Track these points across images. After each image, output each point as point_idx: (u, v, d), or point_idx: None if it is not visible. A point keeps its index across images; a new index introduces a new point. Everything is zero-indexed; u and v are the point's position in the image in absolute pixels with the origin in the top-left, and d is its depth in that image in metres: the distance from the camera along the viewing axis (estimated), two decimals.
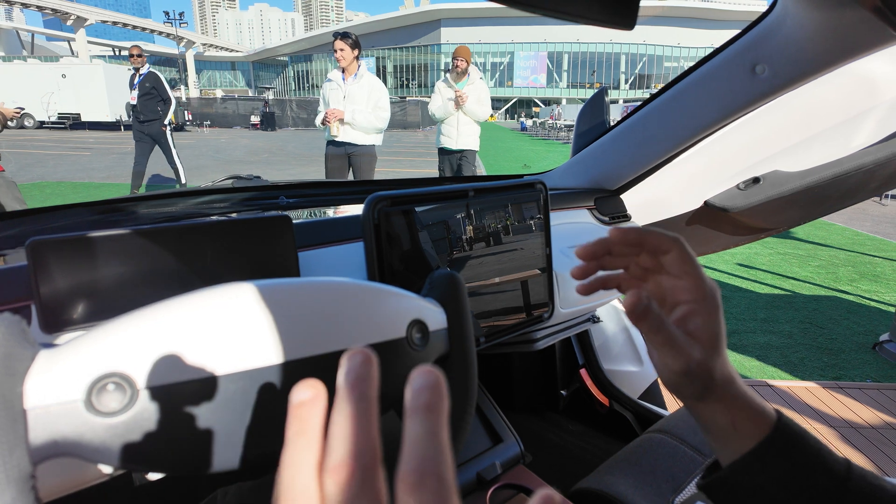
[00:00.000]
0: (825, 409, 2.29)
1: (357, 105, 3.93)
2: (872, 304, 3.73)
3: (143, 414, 0.36)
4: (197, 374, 0.39)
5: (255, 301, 0.43)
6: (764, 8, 0.90)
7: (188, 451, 0.39)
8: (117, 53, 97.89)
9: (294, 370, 0.43)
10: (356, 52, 3.89)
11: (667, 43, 64.00)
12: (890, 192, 8.01)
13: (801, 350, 2.96)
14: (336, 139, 3.98)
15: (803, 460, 0.38)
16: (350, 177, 4.11)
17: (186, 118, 29.08)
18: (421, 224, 0.80)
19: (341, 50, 3.83)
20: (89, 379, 0.35)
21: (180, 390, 0.38)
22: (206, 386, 0.39)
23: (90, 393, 0.35)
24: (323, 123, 3.99)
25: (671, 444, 1.04)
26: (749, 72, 0.92)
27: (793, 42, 0.84)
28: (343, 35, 3.87)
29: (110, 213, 1.05)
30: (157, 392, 0.37)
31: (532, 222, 0.99)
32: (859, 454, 1.97)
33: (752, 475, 0.39)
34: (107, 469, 0.44)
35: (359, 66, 3.96)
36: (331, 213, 1.13)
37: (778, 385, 2.50)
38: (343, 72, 3.94)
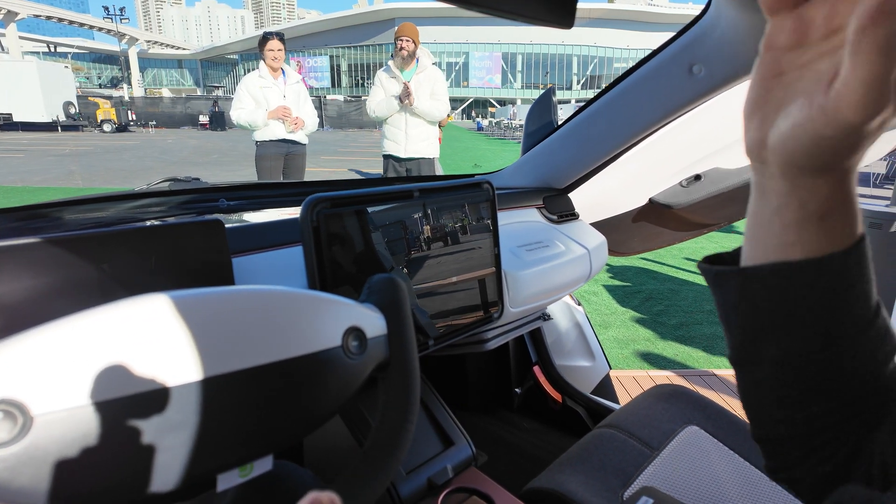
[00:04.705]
0: None
1: (297, 106, 3.91)
2: None
3: (40, 443, 0.33)
4: (104, 396, 0.36)
5: (172, 313, 0.40)
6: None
7: (96, 482, 0.36)
8: (52, 50, 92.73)
9: (219, 386, 0.40)
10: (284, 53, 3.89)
11: (616, 45, 65.84)
12: None
13: None
14: (283, 139, 3.90)
15: (860, 285, 0.32)
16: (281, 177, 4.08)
17: (130, 118, 27.92)
18: (362, 225, 0.78)
19: (279, 50, 3.77)
20: None
21: (85, 415, 0.35)
22: (115, 408, 0.36)
23: None
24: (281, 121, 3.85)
25: (620, 438, 1.05)
26: (686, 72, 0.94)
27: (727, 43, 0.87)
28: (279, 35, 3.82)
29: (32, 220, 0.98)
30: (55, 418, 0.34)
31: (480, 222, 0.98)
32: None
33: (800, 280, 0.32)
34: None
35: (283, 68, 3.91)
36: (274, 215, 1.09)
37: (723, 374, 2.60)
38: (272, 71, 3.83)
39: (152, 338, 0.38)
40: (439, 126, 6.58)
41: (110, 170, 10.92)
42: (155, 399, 0.37)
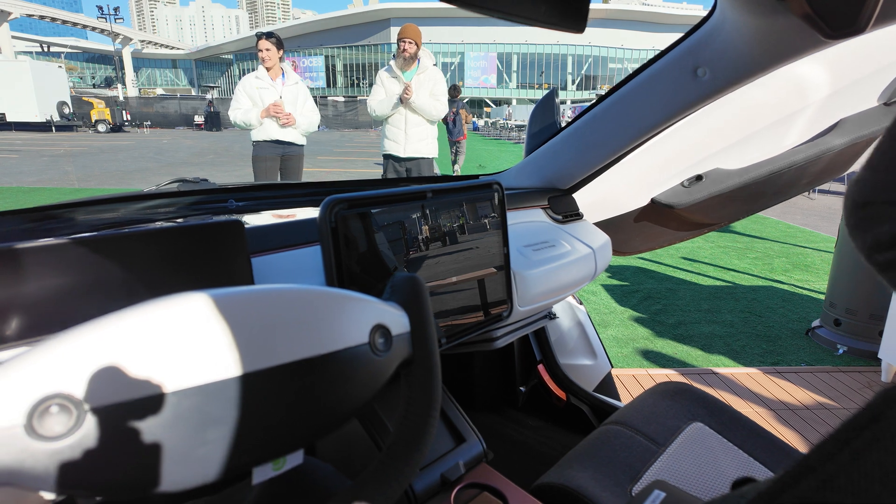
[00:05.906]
0: (765, 394, 2.42)
1: (295, 107, 3.92)
2: (804, 292, 3.97)
3: (91, 436, 0.34)
4: (149, 391, 0.37)
5: (209, 311, 0.41)
6: (701, 12, 0.95)
7: (141, 473, 0.37)
8: (46, 50, 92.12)
9: (254, 382, 0.42)
10: (281, 52, 3.85)
11: (611, 45, 65.99)
12: (818, 188, 8.58)
13: (743, 338, 3.11)
14: (278, 140, 3.91)
15: None
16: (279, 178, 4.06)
17: (125, 118, 27.85)
18: (378, 226, 0.80)
19: (267, 50, 3.77)
20: (30, 401, 0.33)
21: (132, 408, 0.36)
22: (159, 403, 0.37)
23: (31, 417, 0.32)
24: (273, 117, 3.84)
25: (627, 434, 1.07)
26: (691, 74, 0.96)
27: (731, 46, 0.88)
28: (267, 35, 3.81)
29: (45, 221, 0.98)
30: (106, 412, 0.35)
31: (489, 222, 1.00)
32: (796, 434, 2.10)
33: None
34: (49, 496, 0.41)
35: (283, 69, 3.92)
36: (280, 216, 1.10)
37: (722, 372, 2.63)
38: (268, 72, 3.84)
39: (194, 334, 0.40)
40: (465, 122, 6.79)
41: (106, 170, 10.89)
42: (197, 394, 0.39)
